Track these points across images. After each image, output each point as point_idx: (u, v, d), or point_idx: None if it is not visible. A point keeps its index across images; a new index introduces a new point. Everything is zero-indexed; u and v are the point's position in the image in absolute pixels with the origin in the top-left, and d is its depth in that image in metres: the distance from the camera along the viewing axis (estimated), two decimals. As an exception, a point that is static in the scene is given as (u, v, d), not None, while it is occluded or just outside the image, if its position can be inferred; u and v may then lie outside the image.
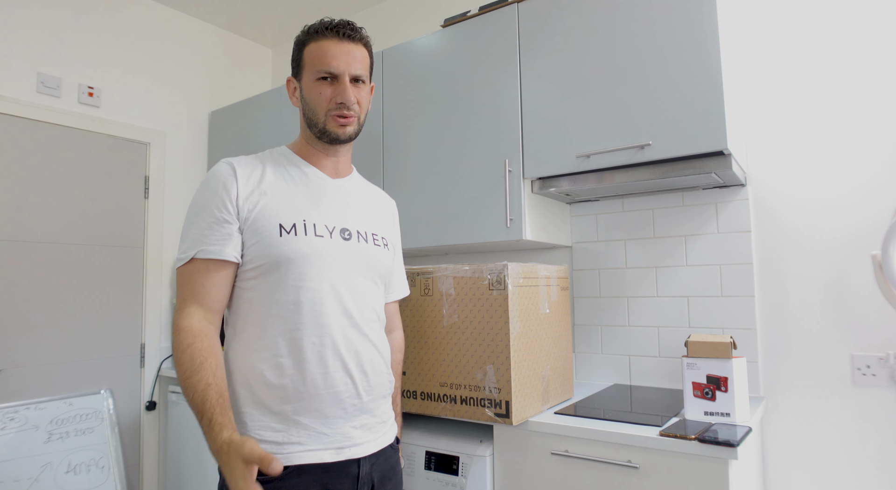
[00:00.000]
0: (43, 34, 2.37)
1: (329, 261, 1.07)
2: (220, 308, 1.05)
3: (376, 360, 1.12)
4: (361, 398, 1.08)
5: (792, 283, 1.69)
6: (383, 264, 1.18)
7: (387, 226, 1.26)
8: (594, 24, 1.69)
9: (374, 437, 1.11)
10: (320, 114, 1.11)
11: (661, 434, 1.29)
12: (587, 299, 2.04)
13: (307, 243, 1.05)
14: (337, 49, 1.10)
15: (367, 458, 1.09)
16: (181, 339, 0.97)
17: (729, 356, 1.38)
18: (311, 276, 1.04)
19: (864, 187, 1.60)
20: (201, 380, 0.93)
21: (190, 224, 1.05)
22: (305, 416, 1.02)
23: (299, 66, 1.14)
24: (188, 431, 2.51)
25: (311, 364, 1.03)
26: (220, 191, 1.04)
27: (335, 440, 1.04)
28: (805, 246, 1.68)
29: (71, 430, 2.07)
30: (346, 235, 1.12)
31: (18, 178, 2.27)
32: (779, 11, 1.75)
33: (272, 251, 1.03)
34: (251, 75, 3.25)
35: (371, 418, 1.11)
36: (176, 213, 2.80)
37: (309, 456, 1.02)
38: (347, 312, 1.08)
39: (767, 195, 1.74)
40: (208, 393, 0.92)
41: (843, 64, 1.64)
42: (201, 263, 1.02)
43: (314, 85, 1.11)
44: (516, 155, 1.81)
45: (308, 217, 1.08)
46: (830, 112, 1.66)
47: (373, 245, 1.16)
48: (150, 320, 2.65)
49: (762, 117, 1.76)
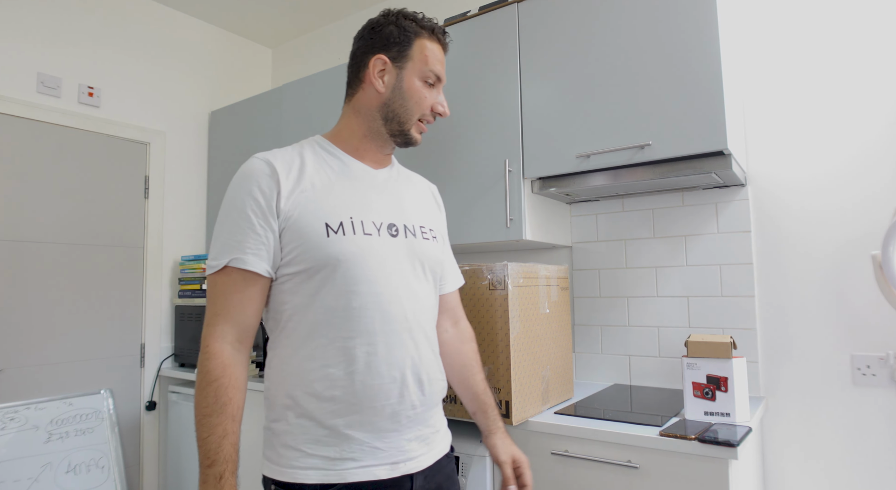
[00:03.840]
0: (43, 34, 2.37)
1: (380, 260, 0.99)
2: (255, 325, 0.98)
3: (432, 366, 1.04)
4: (416, 408, 1.00)
5: (792, 283, 1.69)
6: (434, 258, 1.09)
7: (432, 215, 1.17)
8: (594, 24, 1.69)
9: (429, 449, 1.03)
10: (413, 116, 1.06)
11: (661, 434, 1.29)
12: (587, 299, 2.04)
13: (356, 243, 0.97)
14: (442, 57, 1.08)
15: (421, 472, 1.00)
16: (210, 367, 0.91)
17: (729, 356, 1.38)
18: (361, 278, 0.96)
19: (865, 187, 1.60)
20: (220, 424, 0.88)
21: (222, 226, 0.97)
22: (359, 431, 0.95)
23: (404, 55, 1.05)
24: (188, 431, 2.51)
25: (364, 374, 0.95)
26: (256, 191, 0.96)
27: (390, 455, 0.97)
28: (805, 246, 1.68)
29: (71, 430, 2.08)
30: (394, 231, 1.03)
31: (18, 178, 2.27)
32: (778, 11, 1.75)
33: (319, 253, 0.95)
34: (251, 75, 3.25)
35: (426, 429, 1.03)
36: (176, 213, 2.81)
37: (363, 473, 0.94)
38: (402, 316, 0.99)
39: (767, 195, 1.74)
40: (224, 443, 0.88)
41: (843, 64, 1.64)
42: (237, 274, 0.94)
43: (420, 85, 1.05)
44: (516, 155, 1.81)
45: (355, 214, 0.99)
46: (830, 112, 1.66)
47: (421, 239, 1.07)
48: (150, 320, 2.65)
49: (762, 117, 1.76)
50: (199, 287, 2.61)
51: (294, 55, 3.26)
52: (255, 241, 0.95)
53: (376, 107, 1.06)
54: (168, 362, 2.69)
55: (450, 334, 1.23)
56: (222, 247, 0.96)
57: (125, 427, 2.54)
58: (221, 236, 0.97)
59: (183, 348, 2.66)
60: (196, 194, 2.91)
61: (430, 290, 1.09)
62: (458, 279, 1.26)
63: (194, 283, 2.64)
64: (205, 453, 0.88)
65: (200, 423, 0.89)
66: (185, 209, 2.85)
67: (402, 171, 1.19)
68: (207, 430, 0.88)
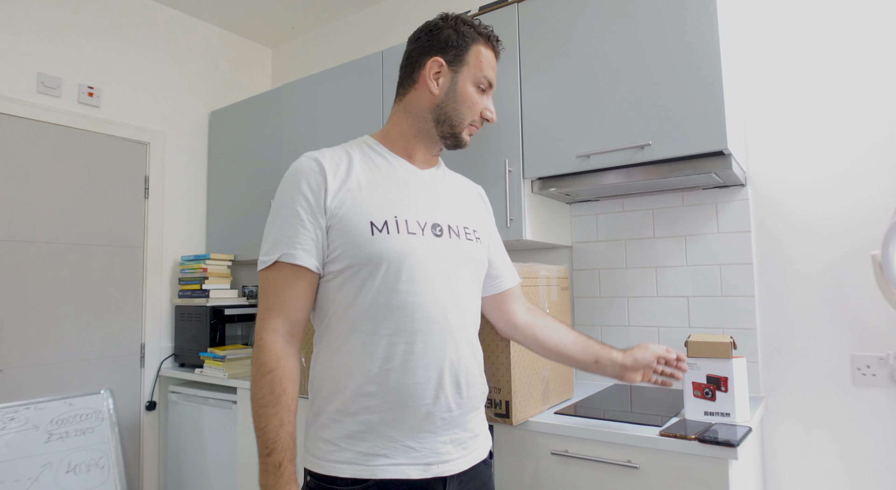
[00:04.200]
0: (43, 34, 2.37)
1: (423, 260, 0.99)
2: (305, 319, 1.00)
3: (471, 369, 1.03)
4: (452, 411, 0.99)
5: (792, 283, 1.69)
6: (477, 260, 1.10)
7: (478, 216, 1.17)
8: (594, 24, 1.69)
9: (465, 453, 1.02)
10: (466, 119, 1.07)
11: (661, 434, 1.29)
12: (587, 299, 2.04)
13: (400, 242, 0.97)
14: (495, 63, 1.11)
15: (455, 476, 1.00)
16: (264, 359, 0.93)
17: (729, 356, 1.38)
18: (403, 277, 0.97)
19: (865, 187, 1.60)
20: (276, 414, 0.90)
21: (273, 222, 1.00)
22: (393, 428, 0.96)
23: (460, 60, 1.07)
24: (188, 431, 2.51)
25: (400, 373, 0.96)
26: (305, 188, 0.98)
27: (423, 455, 0.97)
28: (805, 246, 1.68)
29: (71, 430, 2.08)
30: (438, 231, 1.03)
31: (18, 178, 2.27)
32: (778, 11, 1.75)
33: (363, 251, 0.96)
34: (251, 75, 3.25)
35: (462, 432, 1.02)
36: (176, 213, 2.81)
37: (394, 470, 0.94)
38: (443, 317, 0.99)
39: (767, 195, 1.74)
40: (281, 433, 0.90)
41: (843, 64, 1.64)
42: (287, 269, 0.96)
43: (473, 90, 1.07)
44: (516, 155, 1.81)
45: (399, 213, 1.00)
46: (830, 112, 1.66)
47: (465, 240, 1.07)
48: (150, 320, 2.65)
49: (762, 117, 1.76)
50: (199, 287, 2.61)
51: (294, 55, 3.26)
52: (304, 237, 0.97)
53: (428, 108, 1.07)
54: (168, 362, 2.69)
55: (525, 315, 1.25)
56: (273, 243, 0.98)
57: (125, 427, 2.54)
58: (273, 232, 0.99)
59: (183, 348, 2.66)
60: (196, 194, 2.91)
61: (473, 291, 1.09)
62: (515, 276, 1.26)
63: (194, 283, 2.64)
64: (263, 443, 0.89)
65: (257, 414, 0.91)
66: (185, 209, 2.85)
67: (448, 172, 1.19)
68: (264, 421, 0.90)
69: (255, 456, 0.98)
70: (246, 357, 2.42)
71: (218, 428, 2.36)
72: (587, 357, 1.24)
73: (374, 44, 2.83)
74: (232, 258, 2.74)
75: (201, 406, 2.44)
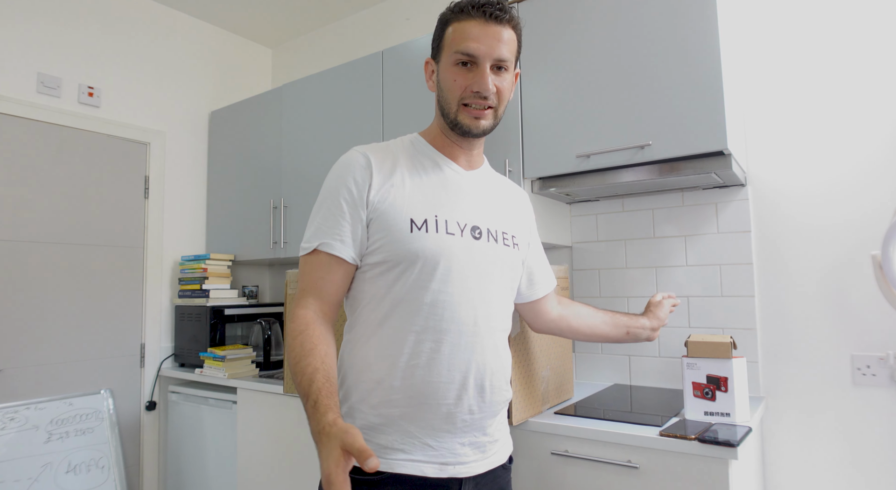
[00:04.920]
0: (43, 34, 2.37)
1: (459, 261, 0.99)
2: (338, 302, 1.01)
3: (497, 374, 1.03)
4: (474, 414, 0.99)
5: (792, 283, 1.69)
6: (512, 266, 1.09)
7: (518, 222, 1.16)
8: (594, 24, 1.69)
9: (483, 457, 1.02)
10: (452, 103, 1.02)
11: (661, 434, 1.29)
12: (587, 299, 2.04)
13: (438, 241, 0.98)
14: (480, 30, 0.99)
15: (472, 478, 1.00)
16: (294, 326, 0.94)
17: (729, 356, 1.38)
18: (437, 276, 0.97)
19: (865, 186, 1.60)
20: (309, 364, 0.89)
21: (317, 211, 1.02)
22: (413, 425, 0.96)
23: (439, 47, 1.05)
24: (188, 431, 2.51)
25: (425, 370, 0.96)
26: (350, 181, 1.00)
27: (440, 455, 0.97)
28: (805, 246, 1.68)
29: (71, 430, 2.08)
30: (477, 234, 1.03)
31: (18, 178, 2.27)
32: (778, 11, 1.75)
33: (400, 247, 0.97)
34: (251, 75, 3.25)
35: (482, 436, 1.02)
36: (176, 213, 2.81)
37: (410, 466, 0.95)
38: (473, 319, 0.99)
39: (767, 195, 1.74)
40: (315, 376, 0.87)
41: (843, 64, 1.64)
42: (325, 257, 0.98)
43: (450, 69, 1.01)
44: (516, 155, 1.81)
45: (440, 213, 1.00)
46: (830, 112, 1.66)
47: (502, 245, 1.07)
48: (150, 320, 2.65)
49: (762, 117, 1.76)
50: (199, 287, 2.61)
51: (294, 55, 3.26)
52: (344, 229, 0.98)
53: (436, 106, 1.08)
54: (168, 362, 2.69)
55: (557, 309, 1.30)
56: (315, 231, 1.00)
57: (125, 427, 2.54)
58: (315, 221, 1.01)
59: (183, 348, 2.66)
60: (196, 194, 2.91)
61: (505, 296, 1.08)
62: (552, 281, 1.28)
63: (194, 283, 2.64)
64: (303, 394, 0.87)
65: (294, 371, 0.90)
66: (185, 209, 2.85)
67: (494, 175, 1.18)
68: (300, 375, 0.89)
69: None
70: (246, 357, 2.42)
71: (218, 428, 2.36)
72: (619, 331, 1.34)
73: (374, 44, 2.83)
74: (232, 258, 2.74)
75: (201, 406, 2.44)
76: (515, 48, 1.04)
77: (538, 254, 1.26)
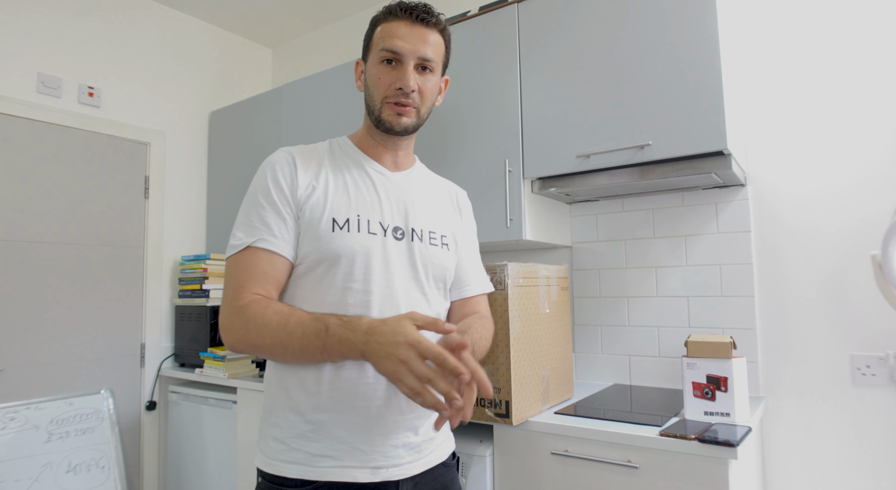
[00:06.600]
0: (43, 34, 2.37)
1: (380, 261, 0.99)
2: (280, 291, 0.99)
3: None
4: (405, 414, 0.98)
5: (792, 283, 1.69)
6: (440, 266, 1.08)
7: (449, 222, 1.15)
8: (594, 24, 1.69)
9: (419, 457, 1.00)
10: (377, 99, 1.03)
11: (661, 434, 1.29)
12: (587, 299, 2.04)
13: (358, 241, 0.98)
14: (407, 30, 1.01)
15: (408, 479, 0.98)
16: (254, 309, 0.90)
17: (729, 356, 1.38)
18: (359, 276, 0.97)
19: (865, 186, 1.60)
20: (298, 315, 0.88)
21: (246, 210, 1.00)
22: (342, 429, 0.94)
23: (368, 47, 1.07)
24: (188, 431, 2.51)
25: (351, 373, 0.94)
26: (280, 178, 0.99)
27: (372, 458, 0.95)
28: (805, 246, 1.68)
29: (71, 430, 2.08)
30: (399, 234, 1.03)
31: (18, 178, 2.27)
32: (778, 11, 1.75)
33: (322, 247, 0.96)
34: (251, 75, 3.25)
35: (414, 437, 1.00)
36: (176, 213, 2.81)
37: (341, 473, 0.93)
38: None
39: (767, 195, 1.74)
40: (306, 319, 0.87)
41: (843, 64, 1.64)
42: (262, 253, 0.95)
43: (376, 67, 1.03)
44: (516, 155, 1.81)
45: (362, 213, 1.00)
46: (830, 112, 1.66)
47: (429, 245, 1.06)
48: (150, 320, 2.65)
49: (762, 117, 1.76)
50: (199, 287, 2.61)
51: (294, 55, 3.26)
52: (277, 224, 0.97)
53: (364, 106, 1.09)
54: (168, 362, 2.69)
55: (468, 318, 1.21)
56: (247, 229, 0.97)
57: (125, 427, 2.54)
58: (245, 219, 0.99)
59: (183, 348, 2.66)
60: (196, 194, 2.91)
61: (433, 295, 1.07)
62: (483, 285, 1.22)
63: (194, 283, 2.64)
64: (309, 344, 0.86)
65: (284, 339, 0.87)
66: (185, 209, 2.85)
67: (424, 175, 1.18)
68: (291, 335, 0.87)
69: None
70: (246, 357, 2.42)
71: (218, 428, 2.36)
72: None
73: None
74: (232, 258, 2.73)
75: (201, 406, 2.44)
76: (442, 52, 1.07)
77: (470, 254, 1.21)
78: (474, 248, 1.25)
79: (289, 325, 0.88)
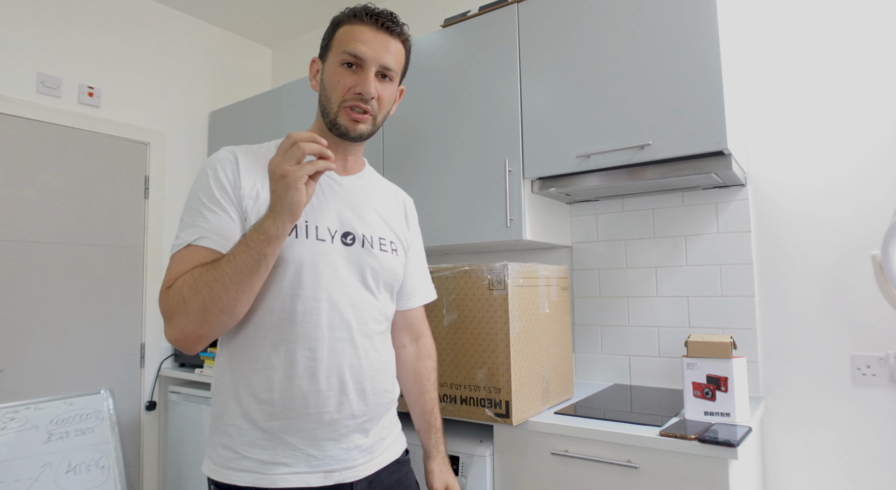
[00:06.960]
0: (43, 34, 2.37)
1: (329, 267, 0.98)
2: None
3: (378, 376, 1.03)
4: (357, 418, 0.99)
5: (792, 283, 1.69)
6: (390, 271, 1.08)
7: (398, 227, 1.15)
8: (594, 24, 1.69)
9: (370, 458, 1.03)
10: (334, 103, 1.01)
11: (661, 434, 1.29)
12: (587, 299, 2.04)
13: (307, 247, 0.96)
14: (370, 36, 1.00)
15: (362, 480, 1.00)
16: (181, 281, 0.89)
17: (729, 356, 1.38)
18: (308, 283, 0.96)
19: (865, 187, 1.60)
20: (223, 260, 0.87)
21: (189, 209, 0.97)
22: (293, 436, 0.95)
23: (327, 47, 1.05)
24: (188, 431, 2.51)
25: (302, 380, 0.94)
26: (222, 177, 0.96)
27: (325, 463, 0.96)
28: (805, 246, 1.68)
29: (71, 430, 2.08)
30: (349, 240, 1.02)
31: (18, 178, 2.27)
32: (778, 11, 1.75)
33: None
34: (251, 75, 3.25)
35: (365, 439, 1.02)
36: (176, 213, 2.80)
37: (294, 479, 0.94)
38: (346, 325, 0.99)
39: (767, 195, 1.74)
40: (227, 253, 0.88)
41: (843, 64, 1.64)
42: (201, 249, 0.92)
43: (336, 70, 1.01)
44: (516, 155, 1.81)
45: (310, 218, 0.99)
46: (830, 112, 1.66)
47: (378, 250, 1.06)
48: (150, 320, 2.65)
49: (762, 117, 1.76)
50: (199, 287, 2.61)
51: (294, 55, 3.26)
52: (219, 223, 0.94)
53: (318, 106, 1.07)
54: (168, 362, 2.69)
55: (408, 350, 1.24)
56: (191, 228, 0.95)
57: (125, 427, 2.54)
58: (187, 219, 0.96)
59: (183, 348, 2.66)
60: (196, 194, 2.90)
61: (382, 301, 1.07)
62: (428, 294, 1.25)
63: (194, 283, 2.64)
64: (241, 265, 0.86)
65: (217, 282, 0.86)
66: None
67: (374, 180, 1.16)
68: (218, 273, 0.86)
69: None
70: (246, 357, 2.42)
71: (218, 428, 2.36)
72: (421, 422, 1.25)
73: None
74: (232, 258, 2.74)
75: (201, 406, 2.44)
76: (402, 62, 1.07)
77: (416, 262, 1.22)
78: (421, 257, 1.26)
79: (216, 266, 0.87)
